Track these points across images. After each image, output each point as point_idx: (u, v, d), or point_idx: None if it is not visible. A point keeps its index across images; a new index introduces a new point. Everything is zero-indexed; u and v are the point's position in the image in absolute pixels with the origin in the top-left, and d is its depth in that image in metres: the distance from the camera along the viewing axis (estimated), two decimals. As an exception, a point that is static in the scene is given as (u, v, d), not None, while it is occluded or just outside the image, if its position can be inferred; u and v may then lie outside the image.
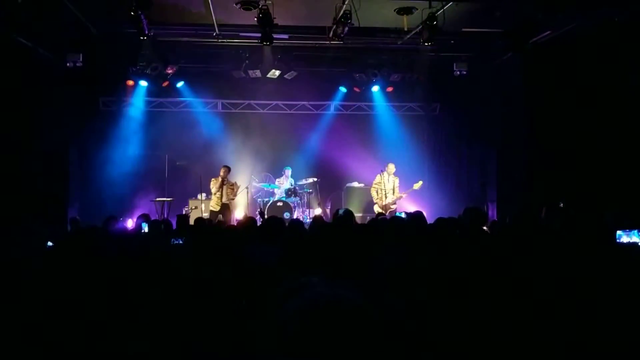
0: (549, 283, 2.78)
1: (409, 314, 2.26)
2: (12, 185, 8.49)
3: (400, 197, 10.07)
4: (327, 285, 1.00)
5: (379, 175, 10.19)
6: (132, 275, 3.13)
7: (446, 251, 3.64)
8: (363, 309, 0.92)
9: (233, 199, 10.42)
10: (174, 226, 6.59)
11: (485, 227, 6.04)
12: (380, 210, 9.80)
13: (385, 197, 9.98)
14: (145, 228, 5.52)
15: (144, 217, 6.41)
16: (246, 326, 2.31)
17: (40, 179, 9.23)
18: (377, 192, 10.13)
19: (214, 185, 10.12)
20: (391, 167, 10.17)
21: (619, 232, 4.53)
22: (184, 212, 10.55)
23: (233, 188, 10.28)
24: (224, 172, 10.11)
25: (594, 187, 8.42)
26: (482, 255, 3.52)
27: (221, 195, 10.10)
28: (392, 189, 10.03)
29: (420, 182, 10.04)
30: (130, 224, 8.60)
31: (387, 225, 4.57)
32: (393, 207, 10.00)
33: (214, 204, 10.15)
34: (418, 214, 5.61)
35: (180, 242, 5.57)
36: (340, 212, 5.62)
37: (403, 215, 7.88)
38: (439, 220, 5.29)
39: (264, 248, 3.89)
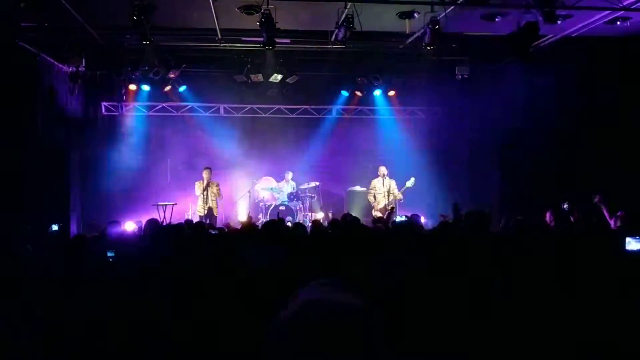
0: (555, 290, 2.76)
1: (411, 319, 2.24)
2: (13, 189, 8.50)
3: (398, 199, 10.01)
4: (328, 291, 0.98)
5: (375, 180, 10.21)
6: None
7: (446, 255, 3.62)
8: (367, 314, 0.89)
9: (221, 198, 10.51)
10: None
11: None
12: (379, 215, 9.77)
13: (382, 201, 9.95)
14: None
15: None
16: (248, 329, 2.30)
17: (41, 183, 9.23)
18: (374, 196, 10.13)
19: (198, 188, 10.25)
20: (382, 170, 10.15)
21: (628, 239, 4.29)
22: (185, 217, 10.53)
23: (218, 187, 10.39)
24: (207, 174, 10.24)
25: (596, 189, 8.40)
26: (486, 260, 3.51)
27: (205, 198, 10.15)
28: (387, 191, 9.98)
29: (413, 179, 9.94)
30: (131, 226, 8.61)
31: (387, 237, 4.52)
32: (389, 208, 9.92)
33: (199, 208, 10.27)
34: (413, 218, 5.59)
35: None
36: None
37: (403, 218, 7.87)
38: (443, 224, 5.28)
39: (264, 251, 3.87)
